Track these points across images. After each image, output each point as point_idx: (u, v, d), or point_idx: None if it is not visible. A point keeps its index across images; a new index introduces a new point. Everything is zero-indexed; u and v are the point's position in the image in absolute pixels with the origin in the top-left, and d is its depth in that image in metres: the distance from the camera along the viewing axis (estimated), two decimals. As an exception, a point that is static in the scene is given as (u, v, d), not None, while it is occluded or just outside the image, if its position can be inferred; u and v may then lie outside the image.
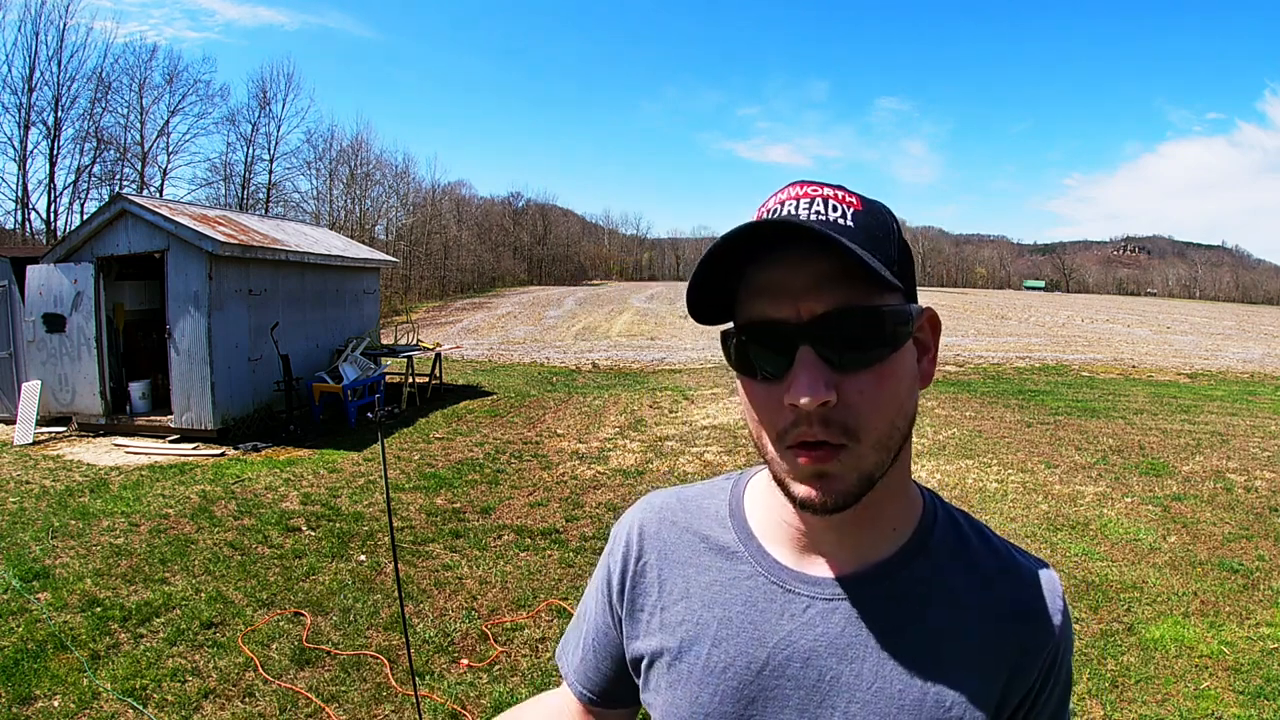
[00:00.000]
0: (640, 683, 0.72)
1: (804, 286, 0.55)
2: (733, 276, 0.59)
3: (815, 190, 0.58)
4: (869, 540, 0.64)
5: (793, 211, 0.57)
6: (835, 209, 0.57)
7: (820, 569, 0.64)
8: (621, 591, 0.73)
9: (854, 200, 0.58)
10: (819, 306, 0.54)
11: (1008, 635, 0.61)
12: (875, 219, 0.58)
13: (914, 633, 0.61)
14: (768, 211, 0.59)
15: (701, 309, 0.60)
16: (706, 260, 0.56)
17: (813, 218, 0.56)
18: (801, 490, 0.57)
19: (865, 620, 0.62)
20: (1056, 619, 0.63)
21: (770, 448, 0.58)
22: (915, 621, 0.62)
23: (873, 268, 0.52)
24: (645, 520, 0.75)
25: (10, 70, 27.89)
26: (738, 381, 0.62)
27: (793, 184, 0.60)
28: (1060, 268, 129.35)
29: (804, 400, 0.53)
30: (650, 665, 0.70)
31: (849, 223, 0.56)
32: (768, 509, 0.68)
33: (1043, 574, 0.65)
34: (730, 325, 0.61)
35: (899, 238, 0.59)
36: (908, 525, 0.65)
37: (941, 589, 0.63)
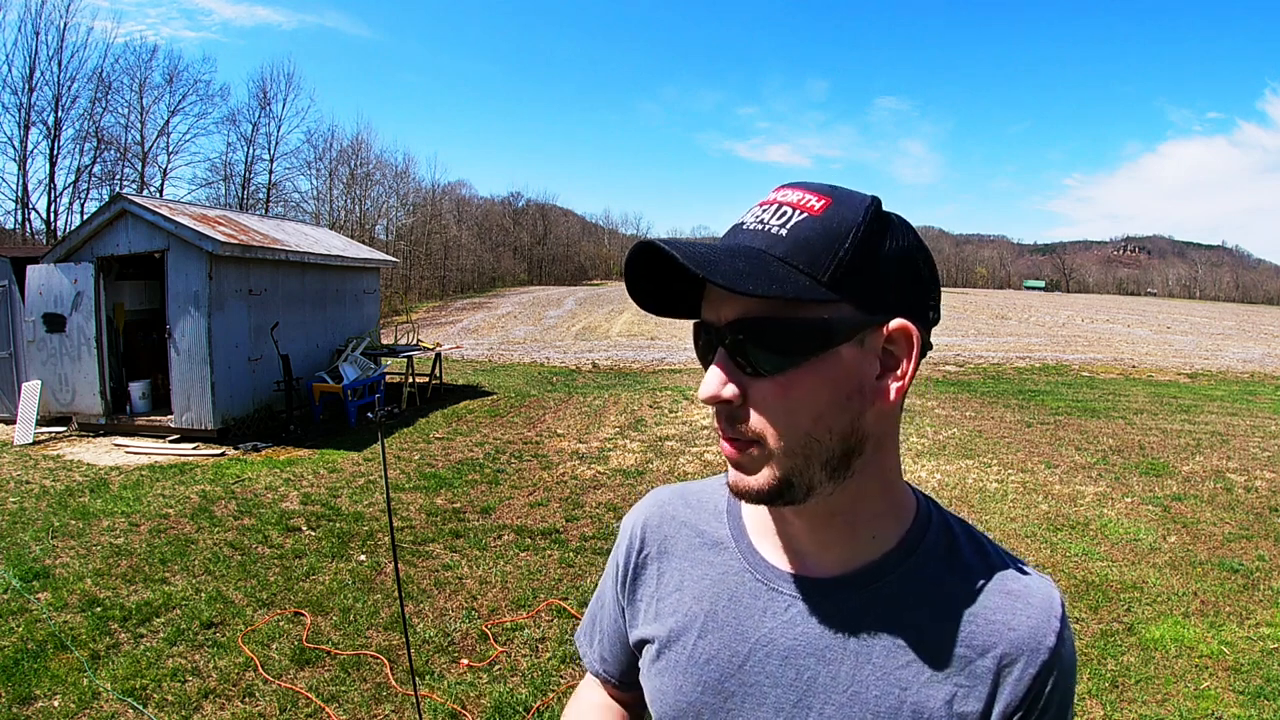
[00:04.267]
0: (640, 670, 0.75)
1: (720, 293, 0.57)
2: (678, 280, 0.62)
3: (785, 195, 0.58)
4: (845, 545, 0.63)
5: (748, 220, 0.59)
6: (783, 216, 0.57)
7: (805, 570, 0.65)
8: (625, 582, 0.77)
9: (817, 206, 0.56)
10: (730, 313, 0.57)
11: (996, 651, 0.59)
12: (825, 226, 0.55)
13: (894, 640, 0.61)
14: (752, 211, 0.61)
15: (653, 309, 0.63)
16: (628, 283, 0.60)
17: (756, 227, 0.57)
18: (730, 476, 0.61)
19: (845, 623, 0.62)
20: (1050, 639, 0.60)
21: None
22: (896, 629, 0.61)
23: (741, 289, 0.52)
24: (649, 515, 0.78)
25: (10, 70, 27.97)
26: None
27: (778, 188, 0.60)
28: (1060, 268, 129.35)
29: (701, 395, 0.58)
30: (644, 652, 0.73)
31: (782, 231, 0.55)
32: (760, 506, 0.68)
33: (1041, 592, 0.62)
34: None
35: (858, 245, 0.55)
36: (892, 532, 0.64)
37: (926, 598, 0.62)
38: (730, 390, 0.57)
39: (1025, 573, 0.64)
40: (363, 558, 4.50)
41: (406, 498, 5.74)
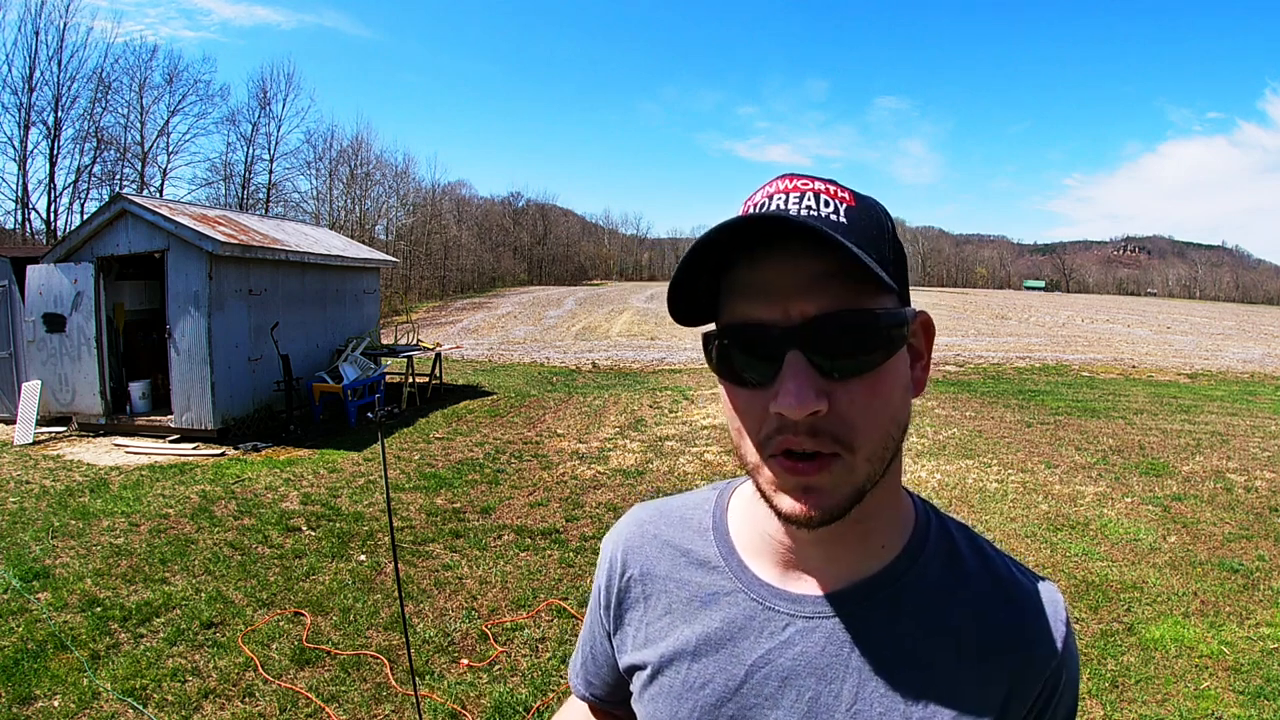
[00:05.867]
0: (632, 696, 0.73)
1: (794, 287, 0.51)
2: (717, 275, 0.55)
3: (806, 184, 0.55)
4: (855, 557, 0.61)
5: (782, 206, 0.54)
6: (827, 204, 0.53)
7: (802, 586, 0.62)
8: (609, 607, 0.73)
9: (846, 195, 0.55)
10: (810, 308, 0.51)
11: (1001, 660, 0.58)
12: (869, 216, 0.55)
13: (898, 654, 0.58)
14: (755, 205, 0.55)
15: (683, 309, 0.57)
16: (690, 257, 0.52)
17: (804, 213, 0.53)
18: (787, 504, 0.54)
19: (846, 640, 0.59)
20: (1056, 644, 0.59)
21: (753, 458, 0.55)
22: (899, 642, 0.59)
23: (871, 268, 0.48)
24: (629, 536, 0.74)
25: (10, 70, 27.90)
26: (720, 388, 0.58)
27: (782, 177, 0.57)
28: (1060, 268, 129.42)
29: (792, 409, 0.50)
30: (635, 678, 0.70)
31: (842, 219, 0.53)
32: (751, 522, 0.66)
33: (1044, 595, 0.61)
34: (712, 326, 0.58)
35: (893, 236, 0.56)
36: (897, 540, 0.62)
37: (929, 609, 0.60)
38: (822, 399, 0.50)
39: (1027, 577, 0.63)
40: (363, 558, 4.50)
41: (406, 498, 5.74)
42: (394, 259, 12.61)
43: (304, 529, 5.01)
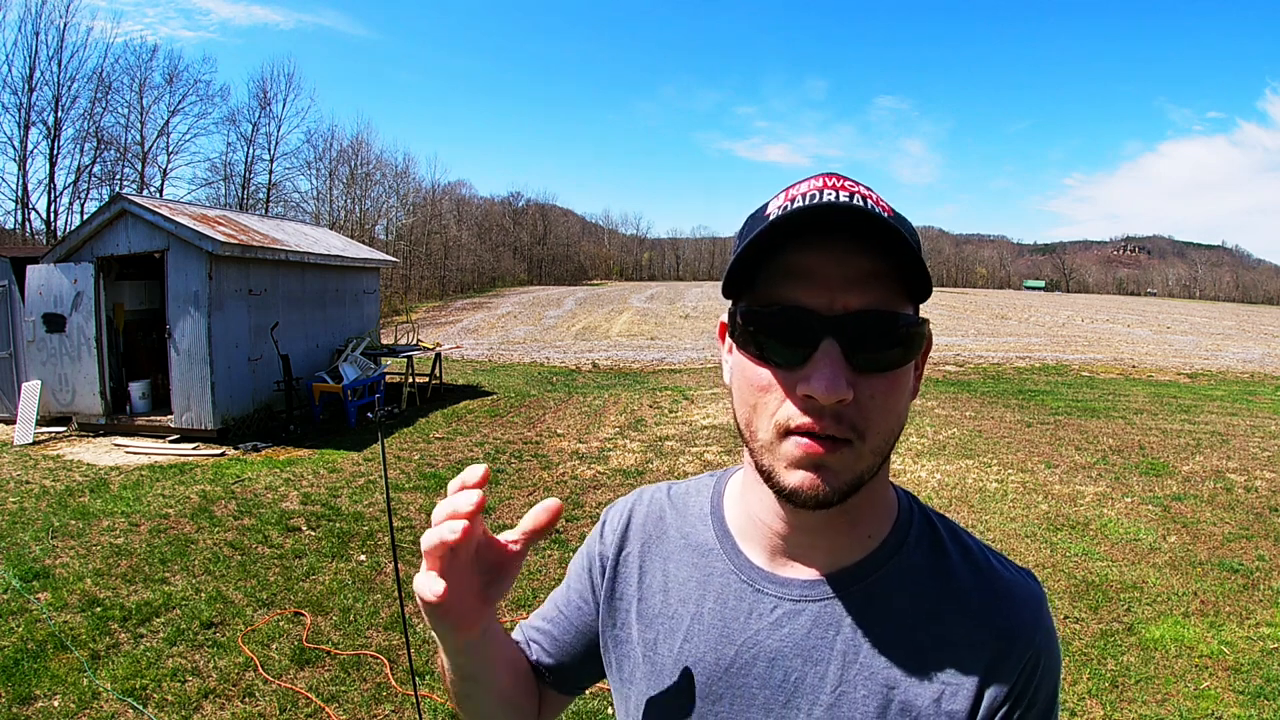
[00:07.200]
0: (611, 671, 0.73)
1: (844, 279, 0.54)
2: (765, 253, 0.56)
3: (853, 185, 0.56)
4: (842, 544, 0.63)
5: (833, 201, 0.54)
6: (873, 209, 0.54)
7: (791, 570, 0.64)
8: (604, 575, 0.75)
9: (885, 206, 0.57)
10: (854, 302, 0.54)
11: (981, 648, 0.59)
12: (904, 228, 0.56)
13: (880, 638, 0.60)
14: (802, 196, 0.55)
15: (732, 282, 0.58)
16: (769, 230, 0.53)
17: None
18: (795, 478, 0.55)
19: (831, 624, 0.61)
20: (1033, 633, 0.60)
21: (763, 435, 0.56)
22: (882, 627, 0.61)
23: (925, 277, 0.54)
24: (635, 512, 0.76)
25: (10, 70, 27.90)
26: (734, 358, 0.60)
27: (825, 174, 0.58)
28: (1060, 268, 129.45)
29: (825, 394, 0.52)
30: (624, 655, 0.71)
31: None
32: (744, 507, 0.68)
33: (1022, 585, 0.63)
34: (741, 302, 0.59)
35: (919, 246, 0.58)
36: (882, 529, 0.64)
37: (911, 596, 0.62)
38: (850, 388, 0.53)
39: (1006, 567, 0.65)
40: (363, 558, 4.50)
41: (406, 498, 5.74)
42: (394, 259, 12.63)
43: (304, 529, 5.01)
